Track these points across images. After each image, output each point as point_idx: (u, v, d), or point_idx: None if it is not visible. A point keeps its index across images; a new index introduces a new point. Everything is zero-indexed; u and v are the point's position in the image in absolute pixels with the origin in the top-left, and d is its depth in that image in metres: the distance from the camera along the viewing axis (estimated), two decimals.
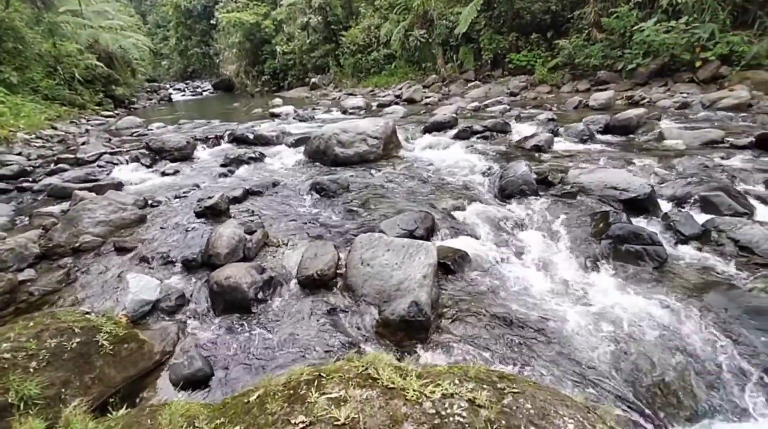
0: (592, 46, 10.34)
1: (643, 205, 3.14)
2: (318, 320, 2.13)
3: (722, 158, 4.12)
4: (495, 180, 3.98)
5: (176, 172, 5.26)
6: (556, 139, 5.36)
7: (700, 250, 2.60)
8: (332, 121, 7.83)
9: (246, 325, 2.12)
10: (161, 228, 3.38)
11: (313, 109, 11.70)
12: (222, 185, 4.56)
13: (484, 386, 1.17)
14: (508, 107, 8.33)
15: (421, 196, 3.86)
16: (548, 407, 1.05)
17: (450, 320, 2.12)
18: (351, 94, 15.27)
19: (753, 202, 3.16)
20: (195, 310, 2.27)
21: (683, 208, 3.16)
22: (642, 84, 9.23)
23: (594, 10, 10.42)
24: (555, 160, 4.56)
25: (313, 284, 2.40)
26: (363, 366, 1.26)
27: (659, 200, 3.26)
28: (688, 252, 2.60)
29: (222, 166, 5.41)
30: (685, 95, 7.71)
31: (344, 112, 10.34)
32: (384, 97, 12.94)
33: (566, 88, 10.66)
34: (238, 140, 6.84)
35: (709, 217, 2.88)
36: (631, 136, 5.45)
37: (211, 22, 26.30)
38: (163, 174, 5.19)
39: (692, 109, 6.69)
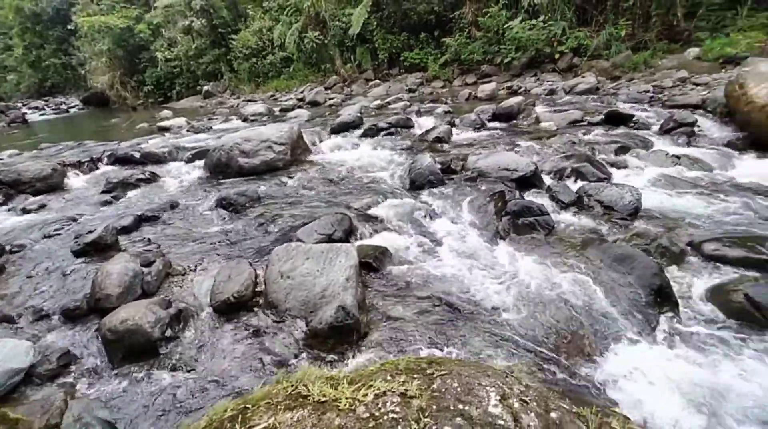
0: (474, 43, 11.40)
1: (530, 181, 3.56)
2: (241, 346, 1.98)
3: (584, 134, 4.89)
4: (404, 174, 4.14)
5: (42, 206, 4.39)
6: (453, 129, 5.79)
7: (577, 213, 3.05)
8: (233, 130, 7.32)
9: (155, 370, 1.87)
10: (28, 277, 2.80)
11: (210, 119, 10.81)
12: (106, 215, 3.95)
13: (415, 375, 1.21)
14: (408, 103, 8.73)
15: (336, 197, 3.84)
16: (472, 381, 1.13)
17: (379, 317, 2.15)
18: (251, 101, 14.47)
19: (609, 168, 3.82)
20: (86, 368, 1.92)
21: (561, 179, 3.68)
22: (517, 75, 10.49)
23: (471, 11, 11.48)
24: (455, 149, 4.92)
25: (231, 308, 2.22)
26: (292, 385, 1.21)
27: (543, 175, 3.74)
28: (568, 216, 3.04)
29: (104, 192, 4.68)
30: (551, 83, 8.98)
31: (245, 119, 9.76)
32: (286, 101, 12.55)
33: (457, 82, 11.59)
34: (121, 161, 5.99)
35: (580, 184, 3.40)
36: (514, 121, 6.16)
37: (69, 27, 22.52)
38: (24, 211, 4.29)
39: (558, 95, 7.82)
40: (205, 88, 18.56)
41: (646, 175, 3.71)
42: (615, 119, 5.24)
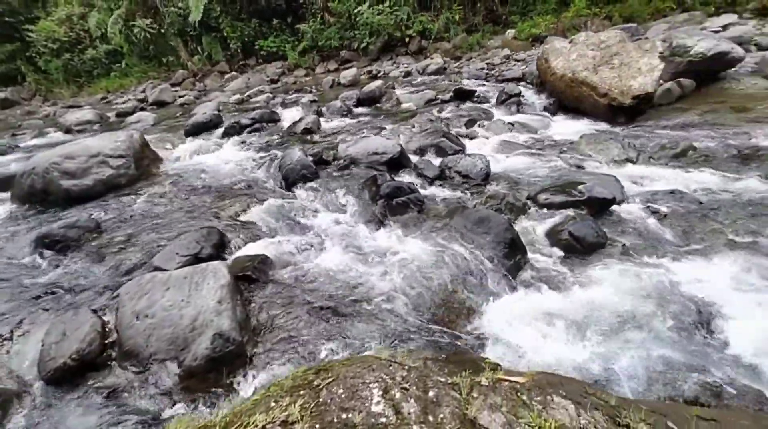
0: (329, 29, 11.34)
1: (399, 162, 3.74)
2: (93, 418, 1.60)
3: (439, 112, 5.36)
4: (276, 171, 3.91)
5: None
6: (321, 119, 5.70)
7: (442, 186, 3.33)
8: (51, 146, 5.83)
9: None
10: None
11: (14, 135, 8.45)
12: None
13: (301, 393, 1.13)
14: (271, 95, 8.27)
15: (201, 210, 3.40)
16: (357, 382, 1.10)
17: (267, 332, 1.99)
18: (73, 107, 11.76)
19: (463, 140, 4.26)
20: None
21: (425, 156, 3.95)
22: (375, 59, 10.89)
23: None
24: (325, 139, 4.86)
25: (71, 374, 1.77)
26: None
27: (409, 155, 3.96)
28: (435, 190, 3.29)
29: None
30: (406, 65, 9.57)
31: (68, 131, 7.93)
32: (123, 104, 10.59)
33: (319, 69, 11.44)
34: None
35: (441, 159, 3.71)
36: (378, 105, 6.39)
37: None
38: None
39: (413, 76, 8.40)
40: (2, 95, 14.34)
41: (490, 143, 4.26)
42: (462, 95, 5.87)
